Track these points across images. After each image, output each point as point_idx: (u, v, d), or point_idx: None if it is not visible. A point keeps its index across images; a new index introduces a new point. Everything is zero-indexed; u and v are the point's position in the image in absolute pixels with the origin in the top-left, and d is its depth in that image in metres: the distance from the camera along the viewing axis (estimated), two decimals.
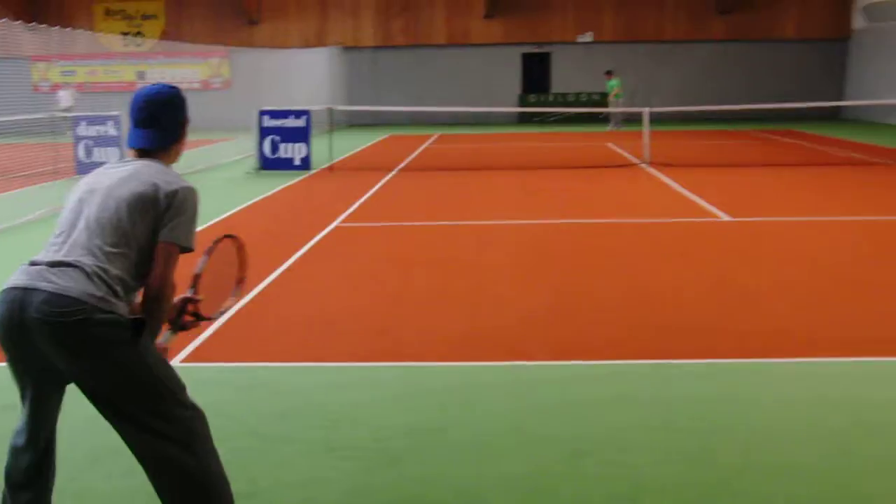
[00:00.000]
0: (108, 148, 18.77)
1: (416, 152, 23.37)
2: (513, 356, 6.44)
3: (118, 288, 3.40)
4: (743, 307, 7.74)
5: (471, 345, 6.77)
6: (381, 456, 4.80)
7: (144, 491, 4.35)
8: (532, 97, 36.15)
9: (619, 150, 22.46)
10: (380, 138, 28.54)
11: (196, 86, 35.13)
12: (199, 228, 3.70)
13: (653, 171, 17.83)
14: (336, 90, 33.35)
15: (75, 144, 18.86)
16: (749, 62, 35.66)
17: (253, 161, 19.48)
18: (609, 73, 31.32)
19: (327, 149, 20.38)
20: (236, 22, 36.08)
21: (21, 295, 3.29)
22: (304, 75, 30.90)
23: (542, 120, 34.90)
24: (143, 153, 3.69)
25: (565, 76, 36.30)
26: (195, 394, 5.31)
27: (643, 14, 35.52)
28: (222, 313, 4.02)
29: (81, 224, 3.45)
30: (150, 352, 3.47)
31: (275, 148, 19.07)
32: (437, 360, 6.44)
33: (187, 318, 3.77)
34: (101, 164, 18.50)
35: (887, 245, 10.46)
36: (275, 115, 19.26)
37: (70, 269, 3.32)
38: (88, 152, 18.79)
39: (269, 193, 15.42)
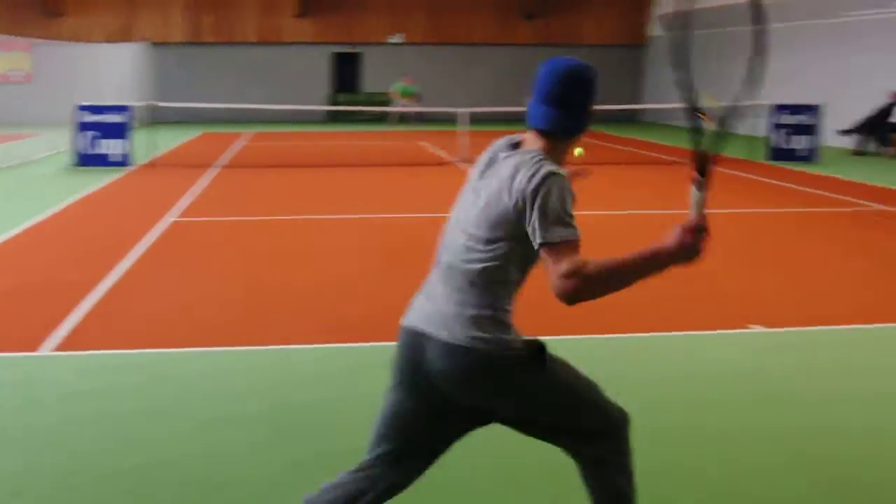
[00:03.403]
0: None
1: (234, 149, 23.38)
2: (384, 338, 6.87)
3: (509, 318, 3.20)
4: None
5: (343, 329, 7.14)
6: (290, 427, 5.15)
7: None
8: (342, 96, 36.44)
9: (434, 149, 23.12)
10: (194, 136, 28.27)
11: None
12: (17, 230, 3.83)
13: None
14: (144, 86, 32.78)
15: None
16: None
17: (67, 157, 19.12)
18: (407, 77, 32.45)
19: (145, 145, 20.20)
20: (37, 13, 34.84)
21: (415, 340, 3.18)
22: (111, 70, 30.32)
23: (353, 119, 35.30)
24: (540, 135, 3.18)
25: (376, 76, 36.79)
26: (79, 382, 5.57)
27: (453, 17, 36.47)
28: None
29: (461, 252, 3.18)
30: (556, 367, 3.26)
31: (93, 143, 18.75)
32: (314, 343, 6.79)
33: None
34: None
35: None
36: (94, 110, 18.93)
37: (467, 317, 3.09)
38: None
39: (95, 190, 15.22)
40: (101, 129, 18.81)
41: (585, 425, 3.30)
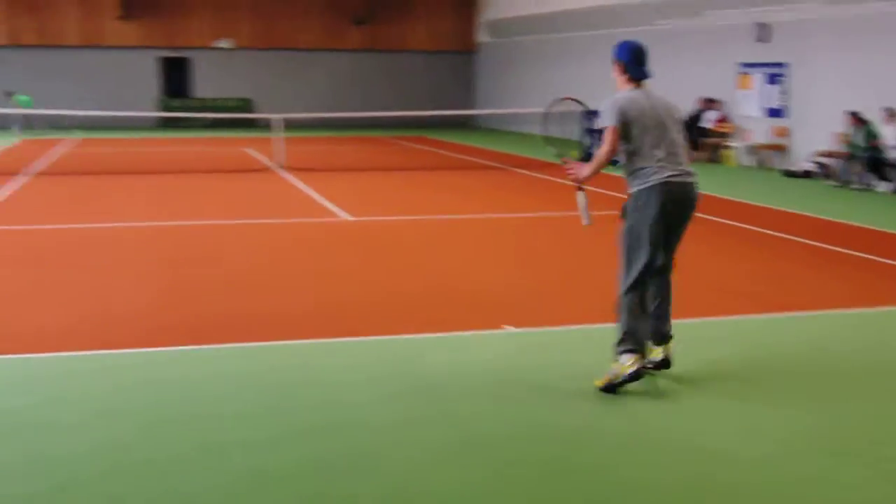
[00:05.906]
0: None
1: (55, 156, 22.64)
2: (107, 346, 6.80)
3: None
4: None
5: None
6: None
7: None
8: (176, 102, 35.50)
9: (258, 156, 22.92)
10: (12, 143, 27.17)
11: None
12: None
13: (287, 175, 18.54)
14: None
15: None
16: (384, 72, 37.22)
17: None
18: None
19: None
20: None
21: (689, 182, 5.89)
22: None
23: (185, 125, 34.50)
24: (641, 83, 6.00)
25: (207, 81, 36.16)
26: None
27: (282, 22, 36.10)
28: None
29: (678, 140, 5.87)
30: None
31: None
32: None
33: None
34: None
35: (498, 238, 11.72)
36: None
37: (691, 170, 5.96)
38: None
39: None
40: None
41: None
